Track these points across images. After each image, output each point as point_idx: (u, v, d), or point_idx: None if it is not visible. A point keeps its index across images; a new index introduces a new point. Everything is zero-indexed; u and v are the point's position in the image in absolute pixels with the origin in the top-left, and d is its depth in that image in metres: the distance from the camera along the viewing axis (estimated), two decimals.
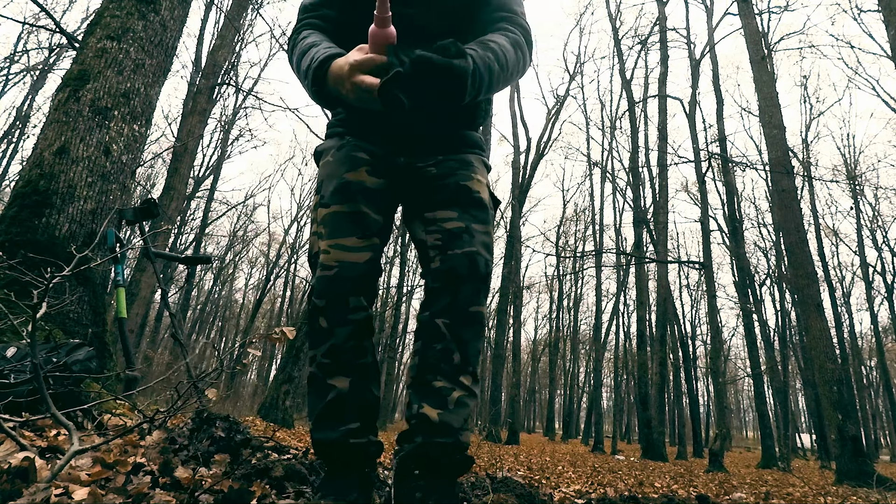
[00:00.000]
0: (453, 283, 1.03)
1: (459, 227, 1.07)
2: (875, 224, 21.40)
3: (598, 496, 2.23)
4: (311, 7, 1.17)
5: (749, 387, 33.00)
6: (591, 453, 13.48)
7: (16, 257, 2.36)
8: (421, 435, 0.99)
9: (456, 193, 1.10)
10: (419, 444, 0.99)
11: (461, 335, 1.02)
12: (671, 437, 25.20)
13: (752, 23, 10.18)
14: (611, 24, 17.58)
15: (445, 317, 1.02)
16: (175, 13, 3.39)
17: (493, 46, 0.99)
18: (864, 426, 20.30)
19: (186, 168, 10.08)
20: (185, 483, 1.06)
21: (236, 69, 16.26)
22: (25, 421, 1.36)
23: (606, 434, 18.81)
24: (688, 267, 22.75)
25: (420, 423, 1.00)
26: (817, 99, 30.13)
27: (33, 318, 1.13)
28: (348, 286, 1.02)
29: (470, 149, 1.18)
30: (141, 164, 4.30)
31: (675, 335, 18.77)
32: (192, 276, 20.11)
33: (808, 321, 8.16)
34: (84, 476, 1.01)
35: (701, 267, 14.13)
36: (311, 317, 1.06)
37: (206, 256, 3.37)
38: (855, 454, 7.08)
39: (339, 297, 1.02)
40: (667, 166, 14.59)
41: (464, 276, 1.03)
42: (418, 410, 1.01)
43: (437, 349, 1.02)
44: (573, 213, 25.76)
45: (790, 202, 8.76)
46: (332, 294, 1.02)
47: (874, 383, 28.22)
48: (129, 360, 2.51)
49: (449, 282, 1.03)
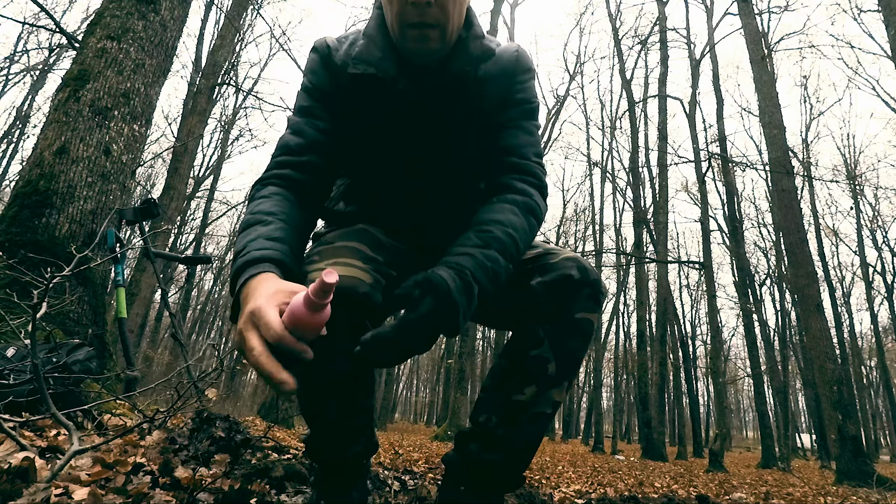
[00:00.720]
0: (565, 288, 0.87)
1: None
2: (875, 224, 21.42)
3: (598, 496, 2.23)
4: (293, 149, 0.94)
5: (749, 387, 32.98)
6: (591, 453, 13.48)
7: (16, 257, 2.36)
8: (478, 444, 0.91)
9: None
10: (472, 454, 0.92)
11: (565, 344, 0.87)
12: (671, 437, 25.20)
13: (752, 23, 10.18)
14: (611, 24, 17.59)
15: (548, 322, 0.87)
16: (175, 13, 3.39)
17: (497, 235, 0.83)
18: (864, 426, 20.29)
19: (186, 168, 10.08)
20: (185, 483, 1.06)
21: (236, 69, 16.28)
22: (25, 421, 1.36)
23: (606, 434, 18.79)
24: (688, 267, 22.75)
25: (483, 433, 0.91)
26: (817, 99, 30.19)
27: (33, 318, 1.13)
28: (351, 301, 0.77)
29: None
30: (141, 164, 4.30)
31: (675, 335, 18.77)
32: (192, 276, 20.11)
33: (808, 321, 8.16)
34: (84, 476, 1.01)
35: (701, 267, 14.13)
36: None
37: (206, 256, 3.37)
38: (855, 454, 7.08)
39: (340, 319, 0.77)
40: (667, 166, 14.60)
41: (577, 280, 0.87)
42: (485, 420, 0.91)
43: (531, 356, 0.88)
44: (573, 213, 25.78)
45: (790, 202, 8.76)
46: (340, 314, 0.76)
47: (874, 383, 28.23)
48: (129, 360, 2.51)
49: (561, 289, 0.87)
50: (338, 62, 0.97)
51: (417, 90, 0.94)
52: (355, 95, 0.96)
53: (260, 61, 31.38)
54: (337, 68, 0.97)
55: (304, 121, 0.97)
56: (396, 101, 0.94)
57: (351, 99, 0.96)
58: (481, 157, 0.99)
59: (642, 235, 15.10)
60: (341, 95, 0.97)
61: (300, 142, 0.94)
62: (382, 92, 0.93)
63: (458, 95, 0.95)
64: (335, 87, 0.97)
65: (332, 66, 0.97)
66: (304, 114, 0.97)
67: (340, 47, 0.99)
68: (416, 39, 0.88)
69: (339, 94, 0.97)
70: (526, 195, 0.93)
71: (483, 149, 0.99)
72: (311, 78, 0.99)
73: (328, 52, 0.98)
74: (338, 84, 0.97)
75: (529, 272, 0.90)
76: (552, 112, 17.76)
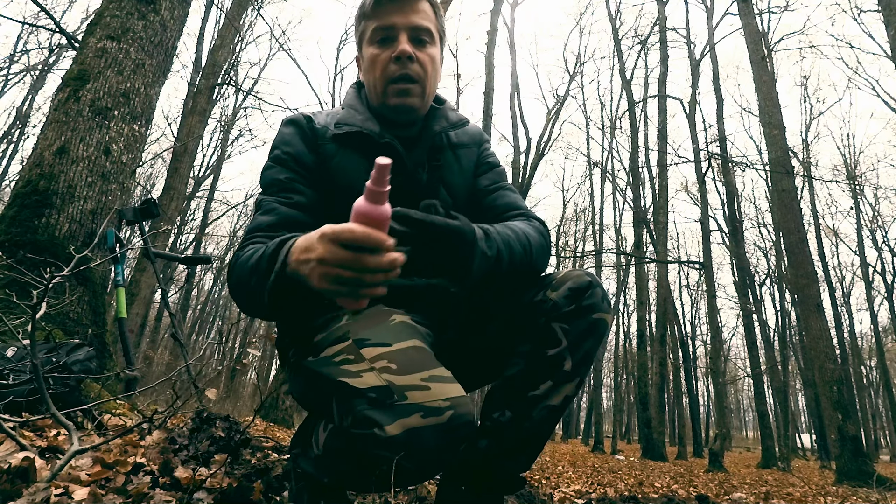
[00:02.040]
0: (585, 291, 0.90)
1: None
2: (875, 224, 21.41)
3: (598, 496, 2.23)
4: (264, 227, 0.90)
5: (749, 387, 32.97)
6: (591, 453, 13.48)
7: (16, 257, 2.36)
8: (488, 441, 0.91)
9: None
10: (480, 451, 0.91)
11: (583, 343, 0.89)
12: (671, 437, 25.19)
13: (752, 23, 10.18)
14: (611, 24, 17.57)
15: (566, 322, 0.89)
16: (175, 13, 3.39)
17: (513, 226, 0.92)
18: (864, 426, 20.31)
19: (186, 168, 10.07)
20: (185, 483, 1.06)
21: (236, 69, 16.28)
22: (25, 421, 1.36)
23: (606, 434, 18.80)
24: (688, 267, 22.75)
25: (495, 429, 0.91)
26: (817, 99, 30.13)
27: (33, 318, 1.13)
28: (467, 431, 0.69)
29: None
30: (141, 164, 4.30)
31: (675, 335, 18.76)
32: (192, 276, 20.11)
33: (808, 321, 8.15)
34: (84, 476, 1.01)
35: (701, 267, 14.13)
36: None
37: (206, 256, 3.37)
38: (855, 454, 7.08)
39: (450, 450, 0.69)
40: (667, 166, 14.59)
41: (593, 283, 0.91)
42: (499, 416, 0.91)
43: (548, 355, 0.89)
44: (573, 213, 25.75)
45: (790, 202, 8.76)
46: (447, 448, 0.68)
47: (874, 383, 28.21)
48: (129, 360, 2.51)
49: (581, 293, 0.90)
50: (318, 127, 1.00)
51: (401, 145, 0.98)
52: (339, 158, 0.97)
53: (260, 61, 31.32)
54: (318, 134, 0.99)
55: (274, 199, 0.93)
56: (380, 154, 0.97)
57: (334, 161, 0.97)
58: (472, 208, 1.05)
59: (642, 235, 15.11)
60: (322, 161, 0.98)
61: (272, 220, 0.90)
62: (367, 148, 0.96)
63: (438, 154, 1.02)
64: (315, 154, 0.98)
65: (313, 132, 1.00)
66: (277, 190, 0.95)
67: (318, 117, 1.03)
68: (399, 94, 0.96)
69: (320, 161, 0.98)
70: (536, 222, 1.00)
71: (478, 211, 1.05)
72: (287, 148, 0.98)
73: (306, 121, 1.01)
74: (318, 151, 0.98)
75: (537, 293, 0.93)
76: (552, 112, 17.72)
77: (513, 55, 16.27)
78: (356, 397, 0.68)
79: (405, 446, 0.64)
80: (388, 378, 0.68)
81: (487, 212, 1.05)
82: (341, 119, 1.01)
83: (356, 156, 0.97)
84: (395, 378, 0.68)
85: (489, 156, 1.13)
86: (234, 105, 19.08)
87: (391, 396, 0.66)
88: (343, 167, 0.97)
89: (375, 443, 0.64)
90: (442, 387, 0.68)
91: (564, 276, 0.93)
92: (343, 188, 0.94)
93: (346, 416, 0.69)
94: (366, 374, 0.70)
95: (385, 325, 0.81)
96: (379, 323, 0.81)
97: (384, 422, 0.64)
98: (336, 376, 0.72)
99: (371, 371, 0.70)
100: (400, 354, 0.72)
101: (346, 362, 0.74)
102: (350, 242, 0.60)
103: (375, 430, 0.65)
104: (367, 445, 0.65)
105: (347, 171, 0.96)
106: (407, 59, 0.94)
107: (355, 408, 0.67)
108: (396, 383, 0.67)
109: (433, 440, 0.65)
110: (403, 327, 0.81)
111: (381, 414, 0.65)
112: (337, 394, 0.72)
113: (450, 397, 0.67)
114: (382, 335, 0.77)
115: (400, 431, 0.64)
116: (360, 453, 0.67)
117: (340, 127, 0.99)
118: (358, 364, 0.72)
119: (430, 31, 0.98)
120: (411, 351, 0.74)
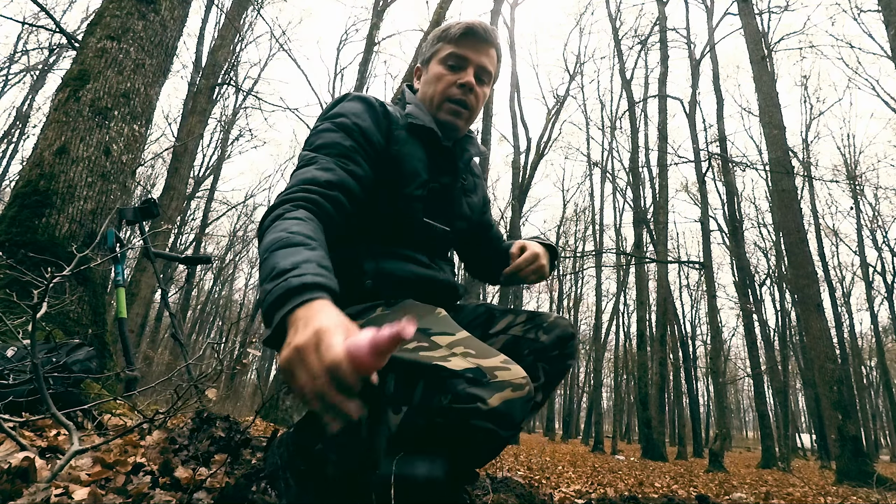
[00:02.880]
0: (567, 342, 1.07)
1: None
2: (875, 224, 21.40)
3: (598, 496, 2.24)
4: (321, 183, 0.89)
5: (749, 387, 33.00)
6: (591, 453, 13.48)
7: (16, 257, 2.36)
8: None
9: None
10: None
11: (555, 382, 1.07)
12: (671, 437, 25.19)
13: (752, 23, 10.18)
14: (611, 24, 17.56)
15: (548, 363, 1.05)
16: (175, 13, 3.39)
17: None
18: (864, 426, 20.30)
19: (186, 168, 10.07)
20: (185, 483, 1.06)
21: (236, 69, 16.28)
22: (25, 421, 1.36)
23: (606, 434, 18.79)
24: (688, 267, 22.75)
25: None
26: (817, 99, 30.10)
27: (33, 318, 1.14)
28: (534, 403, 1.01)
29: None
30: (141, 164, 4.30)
31: (675, 335, 18.76)
32: (192, 276, 20.10)
33: (808, 321, 8.15)
34: (84, 476, 1.01)
35: (701, 267, 14.13)
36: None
37: (206, 256, 3.37)
38: (855, 454, 7.08)
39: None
40: (667, 166, 14.59)
41: (573, 334, 1.08)
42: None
43: None
44: (573, 213, 25.75)
45: (790, 202, 8.76)
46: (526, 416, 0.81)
47: (874, 383, 28.22)
48: (129, 360, 2.50)
49: (563, 343, 1.06)
50: (392, 113, 1.09)
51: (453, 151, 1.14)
52: (409, 146, 1.07)
53: (260, 61, 31.30)
54: (392, 119, 1.08)
55: (334, 160, 0.94)
56: (438, 154, 1.10)
57: (405, 148, 1.06)
58: (471, 234, 1.25)
59: (642, 235, 15.10)
60: (390, 145, 1.05)
61: (329, 178, 0.90)
62: (432, 145, 1.10)
63: (465, 174, 1.19)
64: (384, 137, 1.05)
65: (387, 116, 1.07)
66: (338, 153, 0.96)
67: (390, 108, 1.11)
68: (453, 113, 1.10)
69: (387, 144, 1.05)
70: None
71: (487, 239, 1.31)
72: (356, 120, 1.02)
73: (382, 105, 1.08)
74: (389, 135, 1.06)
75: (530, 329, 1.08)
76: (552, 112, 17.72)
77: (513, 55, 16.28)
78: (454, 378, 0.76)
79: (504, 416, 0.74)
80: (475, 361, 0.78)
81: (491, 241, 1.33)
82: (411, 112, 1.11)
83: (422, 149, 1.08)
84: (481, 361, 0.78)
85: (486, 190, 1.34)
86: (234, 105, 19.09)
87: (485, 376, 0.76)
88: (412, 154, 1.06)
89: (479, 414, 0.73)
90: (517, 368, 0.79)
91: (555, 322, 1.08)
92: (407, 174, 1.04)
93: (443, 395, 0.76)
94: (453, 359, 0.78)
95: (434, 316, 0.91)
96: (428, 314, 0.91)
97: (486, 396, 0.74)
98: (426, 360, 0.79)
99: (455, 356, 0.79)
100: (469, 342, 0.83)
101: (421, 349, 0.81)
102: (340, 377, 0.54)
103: (479, 405, 0.73)
104: (470, 417, 0.73)
105: (414, 159, 1.06)
106: (469, 89, 1.09)
107: (456, 387, 0.75)
108: (485, 365, 0.77)
109: (521, 409, 0.76)
110: (449, 320, 0.91)
111: (481, 389, 0.74)
112: (429, 376, 0.78)
113: (524, 376, 0.78)
114: (441, 325, 0.87)
115: (499, 403, 0.74)
116: (461, 426, 0.74)
117: (416, 118, 1.09)
118: (437, 350, 0.81)
119: (491, 74, 1.14)
120: (473, 340, 0.84)
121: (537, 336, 1.06)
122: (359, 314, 0.95)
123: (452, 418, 0.74)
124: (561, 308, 26.24)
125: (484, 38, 1.10)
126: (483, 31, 1.10)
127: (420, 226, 1.07)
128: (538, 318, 1.09)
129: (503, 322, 1.11)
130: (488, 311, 1.14)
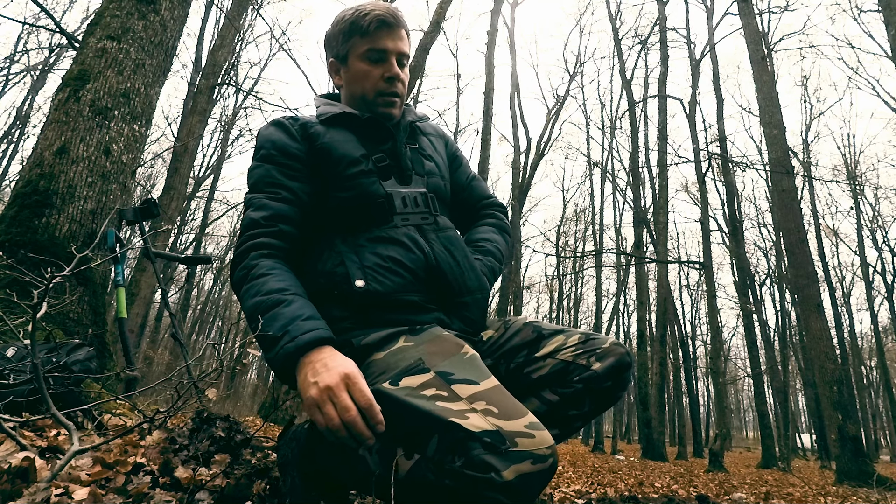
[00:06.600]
0: (622, 370, 0.99)
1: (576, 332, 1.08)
2: (875, 224, 21.40)
3: (598, 496, 2.23)
4: (261, 223, 0.99)
5: (749, 387, 32.99)
6: (591, 453, 13.48)
7: (16, 257, 2.36)
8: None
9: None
10: None
11: (598, 411, 1.02)
12: (671, 437, 25.19)
13: (752, 23, 10.17)
14: (611, 24, 17.56)
15: (599, 395, 1.00)
16: (175, 13, 3.39)
17: (490, 248, 1.20)
18: (864, 426, 20.30)
19: (186, 168, 10.07)
20: (185, 483, 1.06)
21: (236, 69, 16.28)
22: (25, 421, 1.36)
23: (606, 434, 18.81)
24: (688, 267, 22.75)
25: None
26: (817, 99, 30.08)
27: (33, 318, 1.13)
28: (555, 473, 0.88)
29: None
30: (141, 164, 4.29)
31: (675, 335, 18.77)
32: (192, 276, 20.10)
33: (808, 321, 8.15)
34: (84, 476, 1.01)
35: (701, 267, 14.13)
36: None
37: (206, 256, 3.37)
38: (855, 454, 7.08)
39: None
40: (667, 166, 14.59)
41: (630, 363, 1.01)
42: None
43: (568, 415, 1.00)
44: (573, 213, 25.74)
45: (790, 202, 8.75)
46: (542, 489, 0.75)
47: (874, 383, 28.22)
48: (129, 360, 2.50)
49: (618, 372, 0.99)
50: (302, 120, 1.13)
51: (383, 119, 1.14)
52: (329, 135, 1.09)
53: (260, 61, 31.31)
54: (303, 124, 1.12)
55: (263, 195, 1.03)
56: (366, 128, 1.12)
57: (325, 139, 1.09)
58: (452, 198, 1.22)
59: (642, 235, 15.10)
60: (311, 144, 1.08)
61: (265, 214, 1.00)
62: (354, 125, 1.12)
63: (413, 138, 1.20)
64: (302, 142, 1.09)
65: (298, 124, 1.11)
66: (264, 187, 1.04)
67: (300, 117, 1.15)
68: (386, 105, 1.13)
69: (308, 146, 1.08)
70: (498, 219, 1.30)
71: (458, 202, 1.26)
72: (270, 145, 1.08)
73: (288, 119, 1.12)
74: (306, 138, 1.09)
75: (581, 354, 1.01)
76: (552, 112, 17.73)
77: (513, 55, 16.29)
78: (470, 440, 0.70)
79: (518, 492, 0.68)
80: (495, 423, 0.72)
81: (466, 202, 1.29)
82: (321, 111, 1.16)
83: (345, 130, 1.12)
84: (502, 423, 0.72)
85: (457, 149, 1.33)
86: (235, 105, 19.10)
87: (504, 442, 0.69)
88: (334, 139, 1.09)
89: (491, 486, 0.68)
90: (543, 434, 0.72)
91: (610, 348, 1.00)
92: (339, 156, 1.06)
93: (457, 456, 0.71)
94: (472, 416, 0.73)
95: (460, 357, 0.86)
96: (452, 354, 0.86)
97: (501, 467, 0.68)
98: (442, 415, 0.74)
99: (475, 412, 0.73)
100: (493, 395, 0.77)
101: (439, 398, 0.77)
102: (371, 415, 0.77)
103: (493, 475, 0.68)
104: (481, 488, 0.68)
105: (339, 143, 1.09)
106: (397, 80, 1.12)
107: (470, 451, 0.70)
108: (506, 429, 0.71)
109: (539, 484, 0.70)
110: (476, 362, 0.86)
111: (497, 459, 0.69)
112: (444, 433, 0.74)
113: (550, 445, 0.72)
114: (465, 370, 0.82)
115: (514, 477, 0.68)
116: (471, 493, 0.70)
117: (325, 113, 1.14)
118: (456, 402, 0.76)
119: (408, 55, 1.16)
120: (499, 392, 0.78)
121: (589, 363, 0.99)
122: (381, 344, 0.93)
123: (463, 484, 0.70)
124: (561, 308, 26.25)
125: (395, 24, 1.11)
126: (393, 17, 1.10)
127: (384, 197, 1.05)
128: (592, 341, 1.02)
129: (552, 344, 1.04)
130: (536, 332, 1.07)
